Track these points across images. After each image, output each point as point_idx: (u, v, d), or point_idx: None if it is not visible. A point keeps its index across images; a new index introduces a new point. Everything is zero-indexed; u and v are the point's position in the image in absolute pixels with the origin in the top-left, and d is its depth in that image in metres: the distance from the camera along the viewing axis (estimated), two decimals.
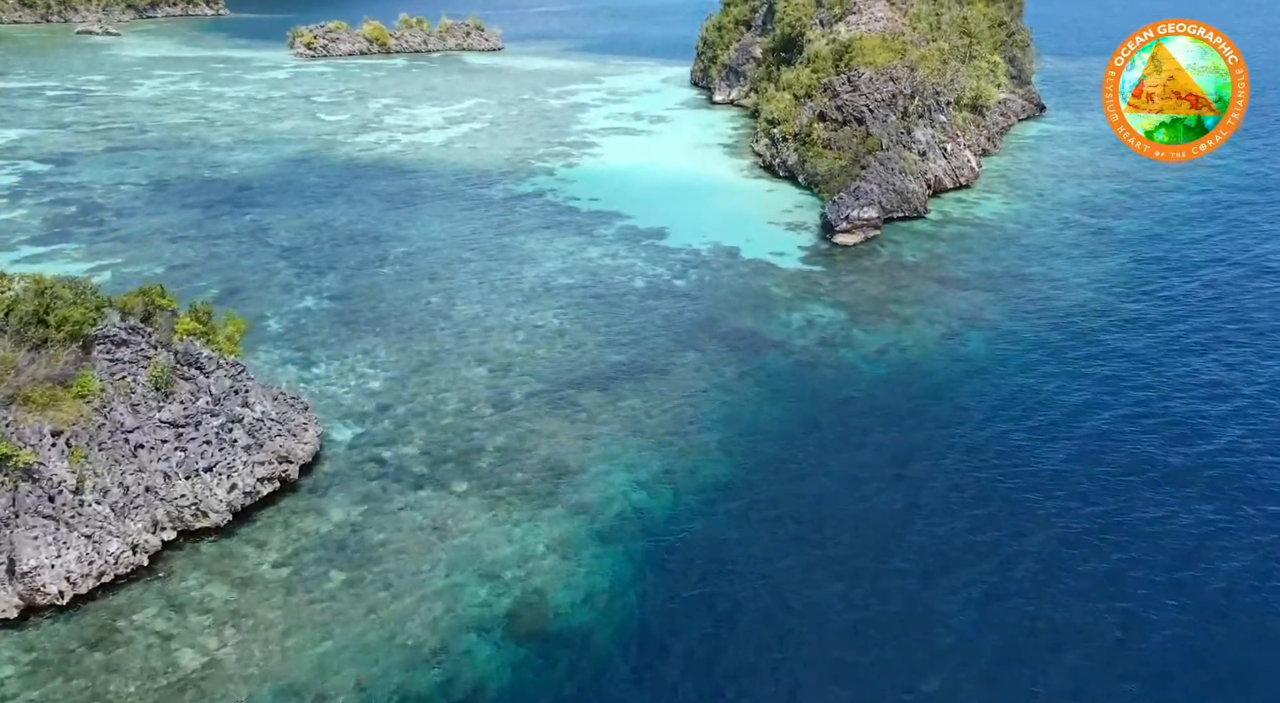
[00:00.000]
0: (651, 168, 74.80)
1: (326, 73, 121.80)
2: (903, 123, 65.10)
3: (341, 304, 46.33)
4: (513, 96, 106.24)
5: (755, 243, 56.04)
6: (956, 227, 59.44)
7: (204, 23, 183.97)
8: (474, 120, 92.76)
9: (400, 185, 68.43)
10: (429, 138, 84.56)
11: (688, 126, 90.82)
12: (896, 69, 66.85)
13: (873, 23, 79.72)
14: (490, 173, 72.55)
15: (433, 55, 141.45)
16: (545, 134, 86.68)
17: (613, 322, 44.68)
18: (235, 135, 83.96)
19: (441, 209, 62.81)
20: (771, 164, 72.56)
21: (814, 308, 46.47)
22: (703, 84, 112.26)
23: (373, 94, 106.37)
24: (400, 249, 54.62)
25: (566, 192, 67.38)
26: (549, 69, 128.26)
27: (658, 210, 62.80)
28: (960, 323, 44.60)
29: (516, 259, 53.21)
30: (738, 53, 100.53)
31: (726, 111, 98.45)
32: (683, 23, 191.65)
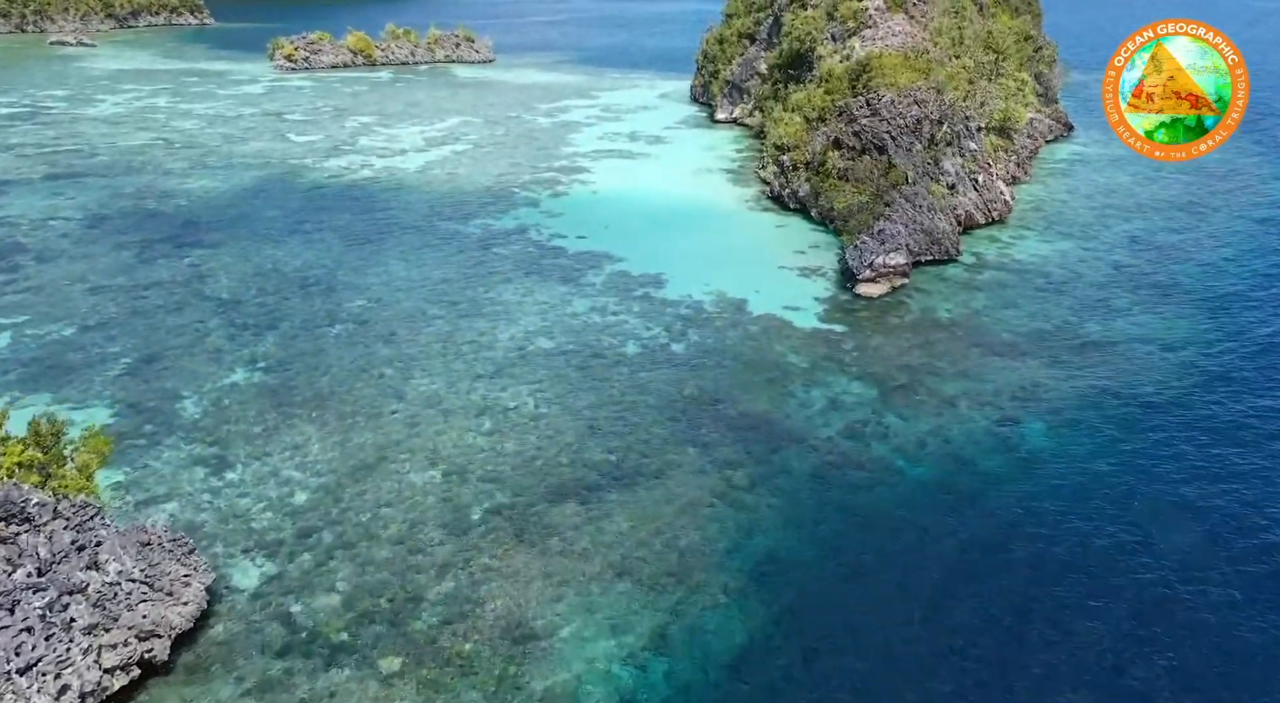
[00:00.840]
0: (647, 198, 67.27)
1: (305, 87, 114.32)
2: (929, 152, 57.54)
3: (277, 377, 38.68)
4: (500, 114, 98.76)
5: (766, 293, 48.47)
6: (993, 272, 51.83)
7: (187, 32, 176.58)
8: (456, 141, 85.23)
9: (367, 220, 60.85)
10: (405, 162, 77.01)
11: (687, 149, 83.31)
12: (921, 91, 59.36)
13: (890, 38, 72.31)
14: (469, 204, 64.98)
15: (420, 68, 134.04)
16: (532, 157, 79.16)
17: (599, 401, 37.07)
18: (193, 159, 76.37)
19: (410, 249, 55.22)
20: (780, 194, 65.05)
21: (837, 382, 38.85)
22: (703, 100, 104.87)
23: (351, 111, 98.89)
24: (357, 302, 47.02)
25: (552, 227, 59.80)
26: (541, 83, 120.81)
27: (654, 251, 55.23)
28: (1014, 403, 36.96)
29: (490, 315, 45.60)
30: (741, 68, 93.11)
31: (729, 131, 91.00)
32: (682, 33, 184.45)
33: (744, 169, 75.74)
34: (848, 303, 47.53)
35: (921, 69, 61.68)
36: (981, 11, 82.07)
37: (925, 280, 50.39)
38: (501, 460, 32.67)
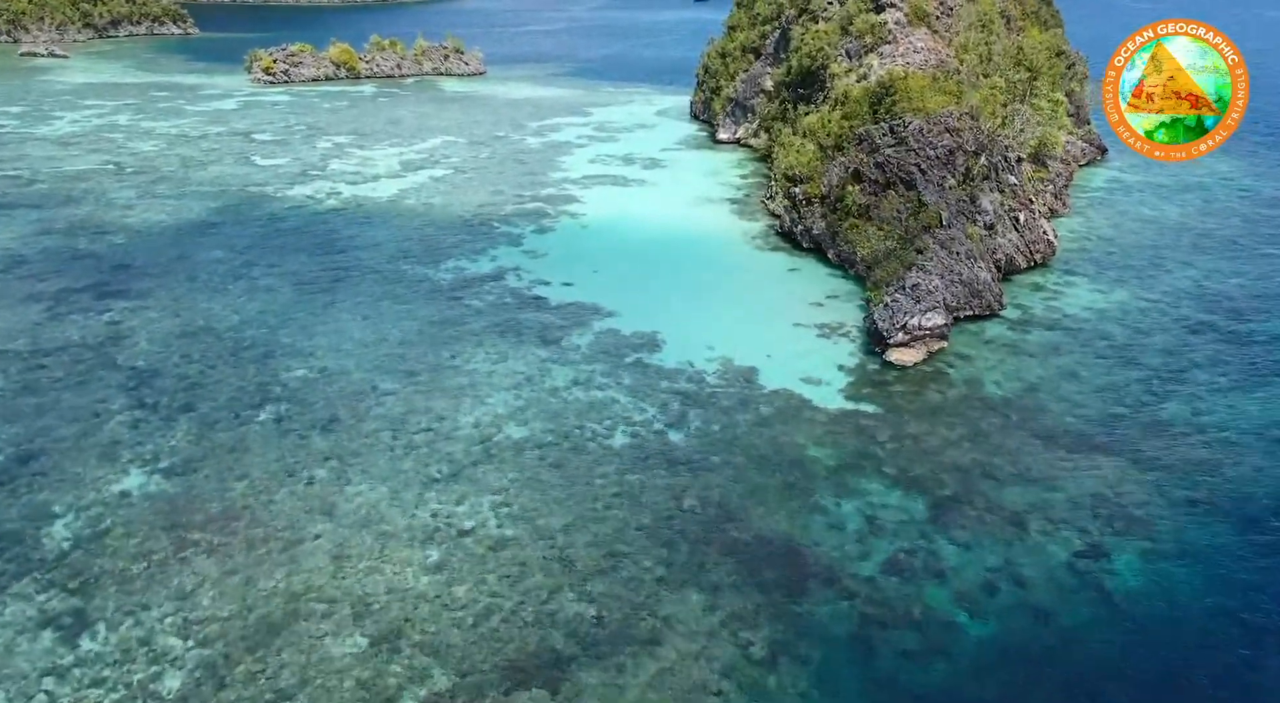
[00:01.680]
0: (643, 233, 59.72)
1: (281, 102, 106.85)
2: (964, 188, 49.99)
3: (180, 484, 31.05)
4: (487, 133, 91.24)
5: (780, 359, 40.91)
6: (1044, 331, 44.23)
7: (168, 43, 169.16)
8: (436, 165, 77.67)
9: (325, 262, 53.25)
10: (377, 191, 69.46)
11: (687, 174, 75.77)
12: (953, 116, 51.84)
13: (911, 54, 64.79)
14: (442, 242, 57.41)
15: (406, 81, 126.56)
16: (517, 184, 71.63)
17: (578, 518, 29.45)
18: (142, 187, 68.80)
19: (369, 300, 47.64)
20: (791, 230, 57.50)
21: (872, 489, 31.23)
22: (704, 118, 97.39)
23: (326, 130, 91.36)
24: (297, 371, 39.41)
25: (534, 272, 52.20)
26: (532, 98, 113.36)
27: (649, 302, 47.65)
28: (1096, 522, 29.35)
29: (453, 390, 37.99)
30: (745, 85, 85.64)
31: (732, 153, 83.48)
32: (681, 43, 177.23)
33: (750, 199, 68.20)
34: (877, 373, 39.91)
35: (952, 92, 54.16)
36: (1009, 25, 74.64)
37: (966, 342, 42.81)
38: (448, 618, 25.01)
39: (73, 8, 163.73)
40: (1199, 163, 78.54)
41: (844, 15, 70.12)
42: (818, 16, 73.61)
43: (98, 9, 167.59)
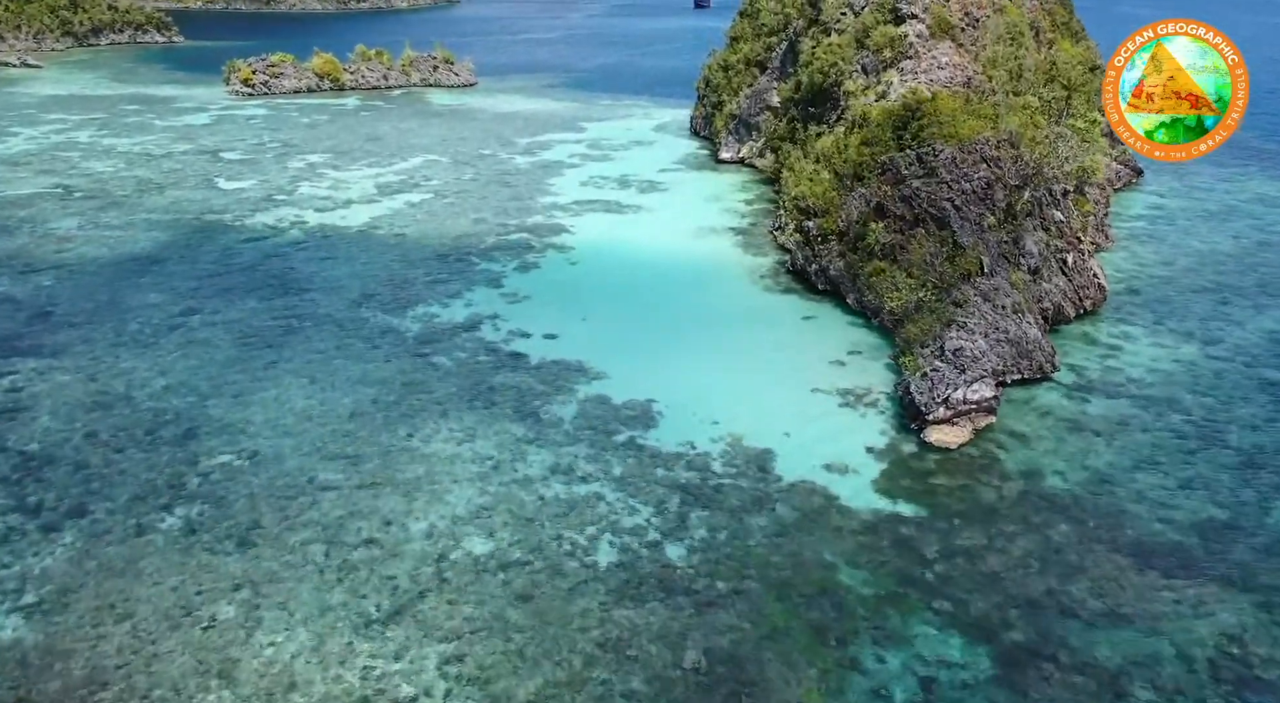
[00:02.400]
0: (638, 271, 53.02)
1: (257, 117, 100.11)
2: (1006, 227, 43.29)
3: (39, 633, 24.20)
4: (472, 151, 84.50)
5: (798, 438, 34.15)
6: (1106, 400, 37.44)
7: (151, 52, 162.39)
8: (414, 188, 70.95)
9: (276, 308, 46.51)
10: (347, 219, 62.71)
11: (687, 198, 69.06)
12: (990, 144, 45.20)
13: (935, 70, 58.15)
14: (412, 283, 50.67)
15: (393, 93, 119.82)
16: (502, 211, 64.91)
17: (549, 686, 22.61)
18: (88, 215, 62.06)
19: (320, 358, 40.92)
20: (804, 269, 50.79)
21: (924, 635, 24.41)
22: (705, 134, 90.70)
23: (301, 148, 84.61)
24: (220, 458, 32.64)
25: (513, 321, 45.47)
26: (523, 112, 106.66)
27: (644, 360, 40.94)
28: (1225, 690, 22.62)
29: (406, 484, 31.23)
30: (749, 101, 78.97)
31: (735, 174, 76.79)
32: (681, 52, 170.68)
33: (756, 228, 61.49)
34: (915, 458, 33.12)
35: (988, 115, 47.50)
36: (1038, 37, 68.04)
37: (1016, 414, 36.04)
38: None
39: (51, 15, 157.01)
40: (1242, 186, 72.00)
41: (859, 27, 63.48)
42: (829, 28, 66.96)
43: (78, 16, 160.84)
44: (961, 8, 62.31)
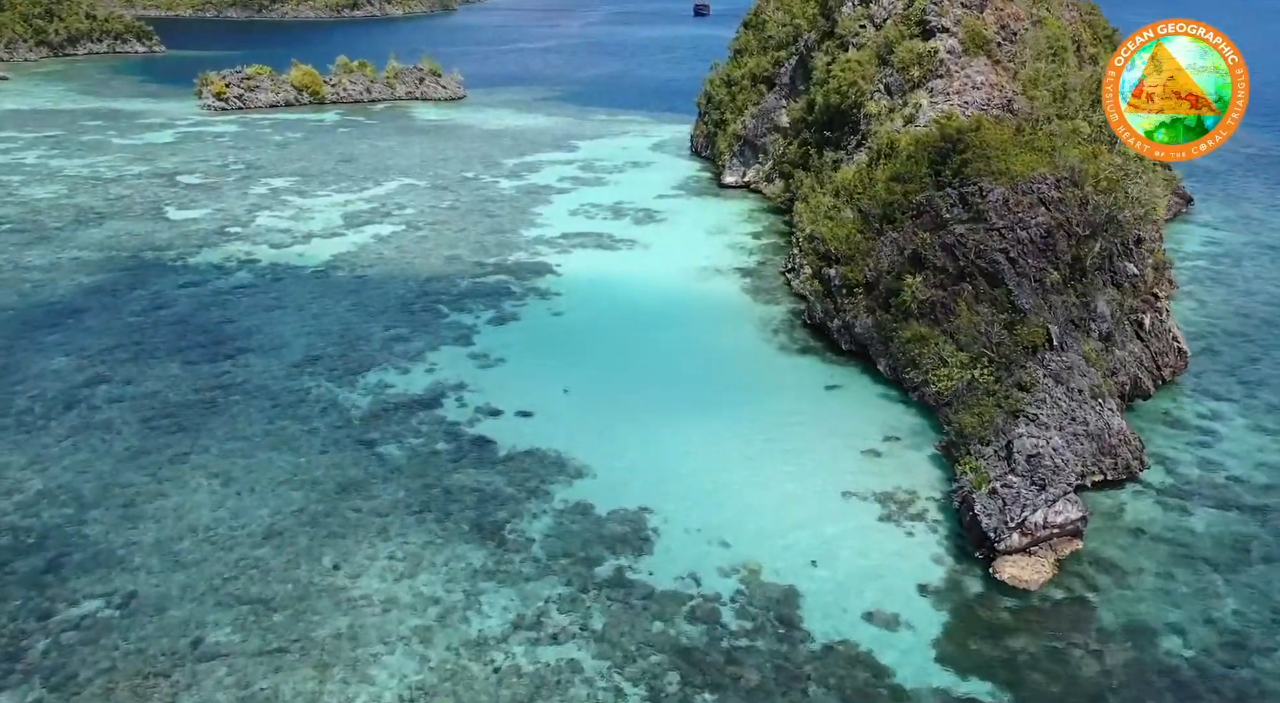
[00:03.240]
0: (630, 325, 45.45)
1: (226, 134, 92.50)
2: (1073, 286, 35.70)
3: None
4: (454, 174, 76.96)
5: (830, 572, 26.46)
6: (1211, 509, 29.77)
7: (129, 62, 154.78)
8: (385, 218, 63.38)
9: (201, 377, 38.86)
10: (305, 256, 55.12)
11: (688, 230, 61.47)
12: (1048, 183, 37.64)
13: (970, 91, 50.66)
14: (368, 339, 43.08)
15: (376, 107, 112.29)
16: (480, 247, 57.33)
17: None
18: (10, 253, 54.34)
19: (242, 447, 33.25)
20: (824, 322, 43.28)
21: None
22: (706, 155, 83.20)
23: (268, 170, 77.04)
24: (83, 606, 24.90)
25: (482, 392, 37.86)
26: (513, 128, 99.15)
27: (636, 451, 33.32)
28: None
29: (318, 652, 23.50)
30: (755, 121, 71.43)
31: (740, 201, 69.25)
32: (681, 62, 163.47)
33: (767, 268, 53.92)
34: (985, 605, 25.44)
35: (1044, 147, 39.95)
36: (1079, 52, 60.56)
37: (1105, 532, 28.37)
38: None
39: (24, 24, 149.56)
40: None
41: (881, 42, 55.95)
42: (847, 42, 59.44)
43: (53, 25, 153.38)
44: (997, 20, 54.82)
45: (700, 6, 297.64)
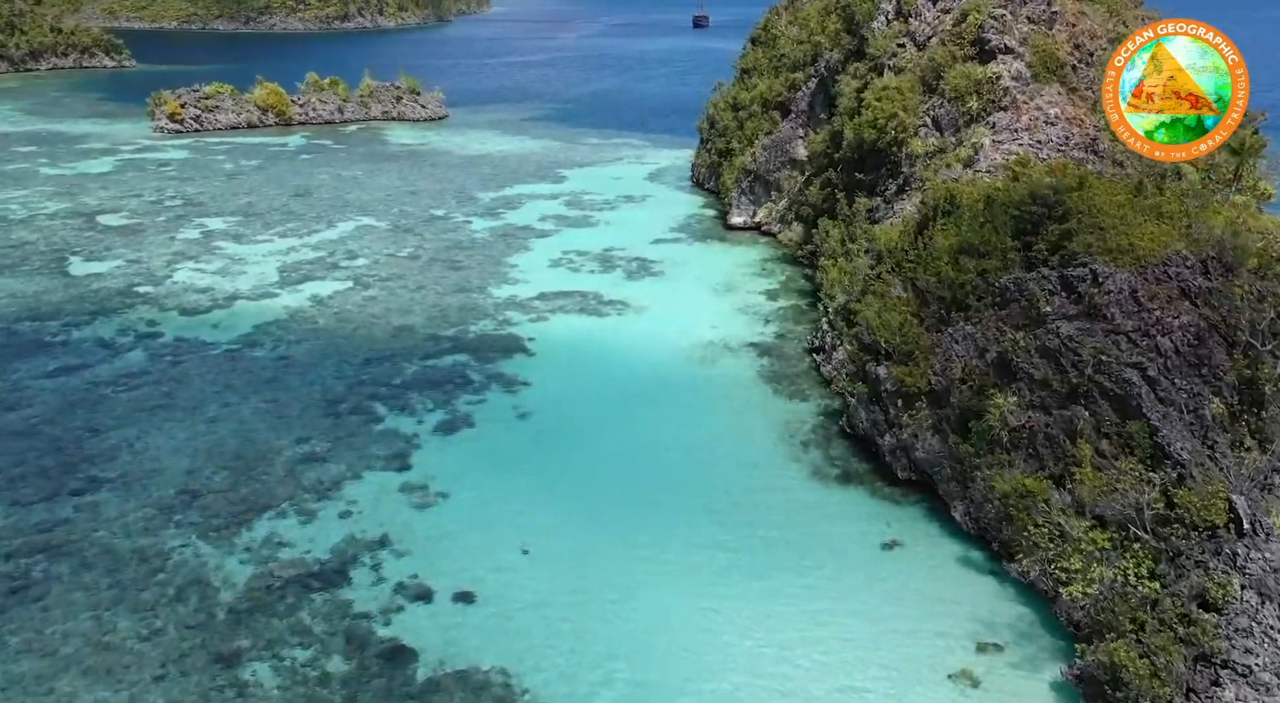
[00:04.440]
0: (616, 432, 34.53)
1: (172, 162, 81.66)
2: (1249, 424, 24.89)
3: None
4: (422, 211, 66.18)
5: None
6: None
7: (94, 78, 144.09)
8: (331, 272, 52.54)
9: (25, 525, 27.86)
10: (222, 326, 44.23)
11: (690, 288, 50.59)
12: (1189, 266, 26.86)
13: (1043, 127, 39.99)
14: (268, 460, 32.12)
15: (347, 128, 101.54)
16: (438, 314, 46.48)
17: None
18: None
19: (41, 661, 22.37)
20: (869, 434, 32.45)
21: None
22: (710, 187, 72.44)
23: (207, 206, 66.23)
24: None
25: (407, 558, 26.94)
26: (494, 154, 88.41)
27: (621, 671, 22.52)
28: None
29: None
30: (767, 152, 60.60)
31: (751, 247, 58.45)
32: (680, 77, 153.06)
33: (787, 341, 43.10)
34: None
35: (1174, 211, 29.16)
36: None
37: None
38: None
39: None
40: None
41: (926, 65, 45.14)
42: (882, 65, 48.65)
43: (14, 39, 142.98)
44: (1070, 38, 44.13)
45: (699, 18, 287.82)
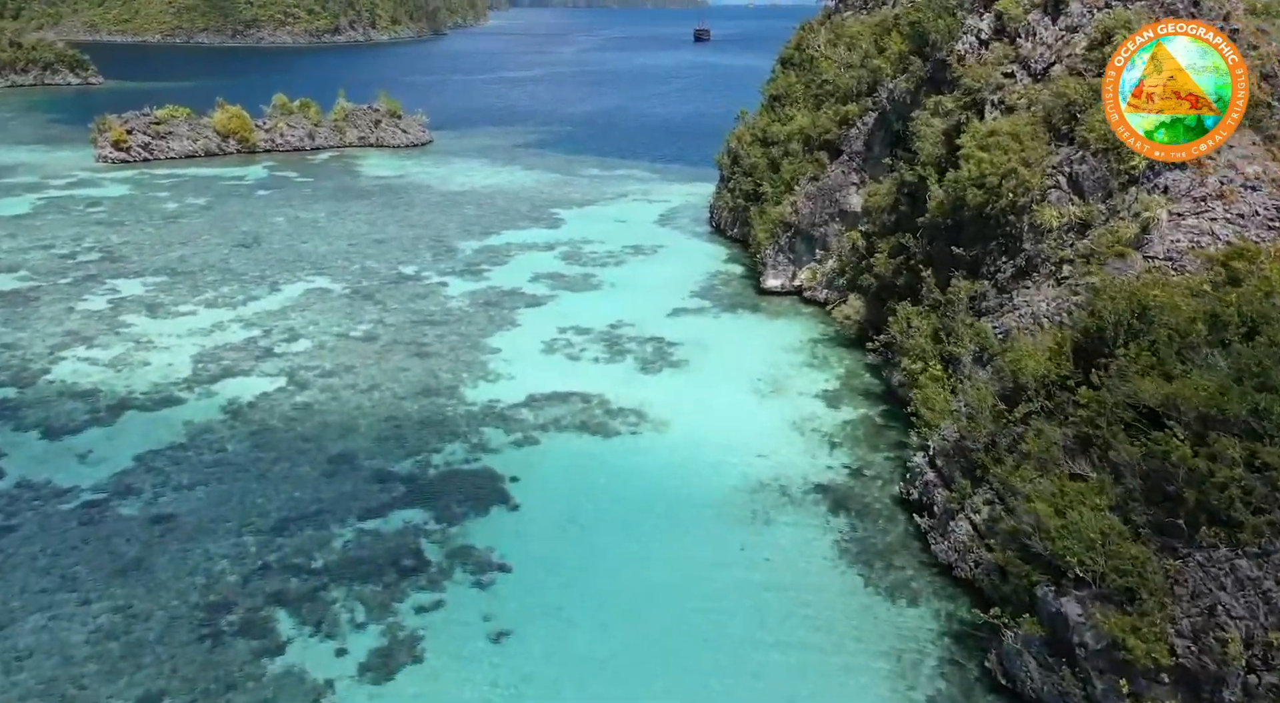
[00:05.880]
0: (640, 655, 22.16)
1: (105, 201, 69.21)
2: None
3: None
4: (388, 268, 53.77)
5: None
6: None
7: (54, 97, 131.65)
8: (260, 360, 40.02)
9: None
10: (89, 459, 31.57)
11: (725, 387, 37.97)
12: None
13: (1242, 193, 27.71)
14: None
15: (318, 157, 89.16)
16: (392, 430, 33.93)
17: None
18: None
19: None
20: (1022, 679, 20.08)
21: None
22: (733, 234, 60.25)
23: (129, 262, 53.77)
24: None
25: None
26: (480, 189, 76.12)
27: None
28: None
29: None
30: (813, 201, 48.20)
31: (793, 320, 46.09)
32: (685, 94, 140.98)
33: (867, 478, 30.59)
34: None
35: None
36: None
37: None
38: None
39: None
40: None
41: (1055, 103, 32.63)
42: (983, 101, 36.18)
43: None
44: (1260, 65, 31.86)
45: (700, 31, 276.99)
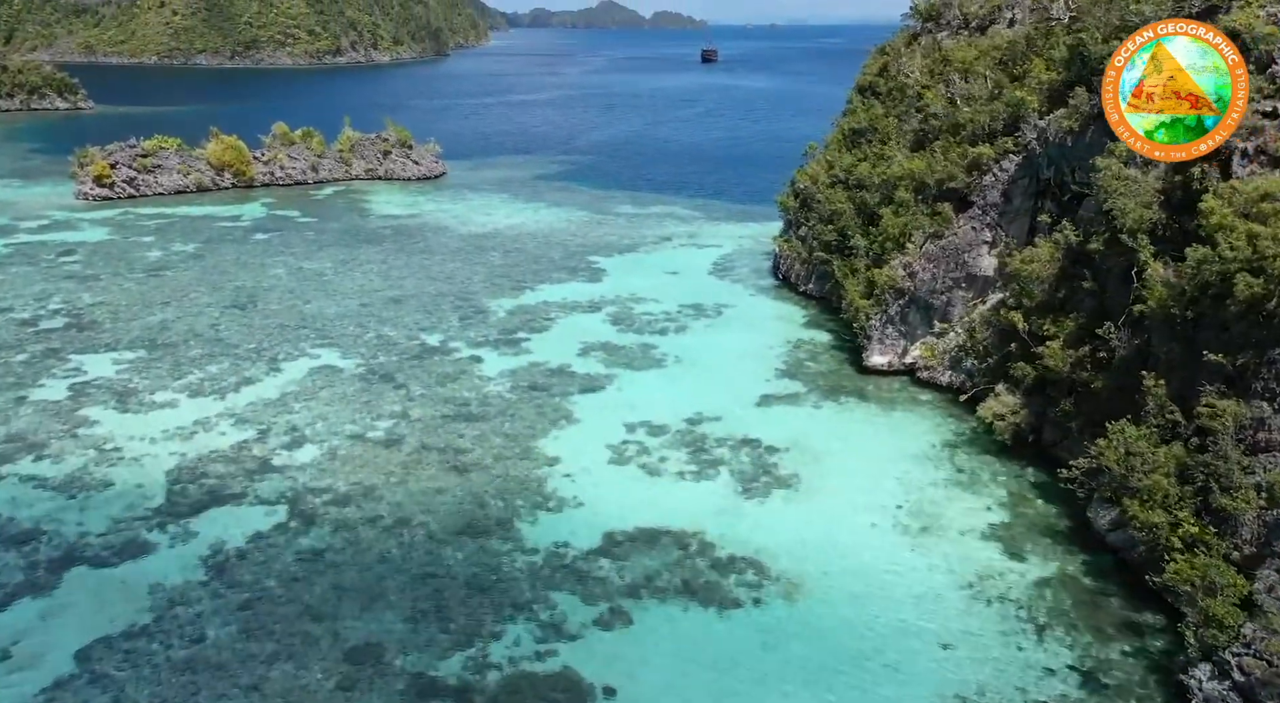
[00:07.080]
0: None
1: (81, 247, 59.87)
2: None
3: None
4: (408, 337, 44.44)
5: None
6: None
7: (40, 123, 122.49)
8: (256, 482, 30.54)
9: None
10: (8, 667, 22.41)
11: (858, 526, 28.53)
12: None
13: None
14: None
15: (322, 191, 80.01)
16: (433, 597, 24.46)
17: None
18: None
19: None
20: None
21: None
22: (806, 289, 51.14)
23: (98, 329, 44.44)
24: None
25: None
26: (506, 229, 67.00)
27: None
28: None
29: None
30: (934, 264, 38.99)
31: (911, 410, 36.74)
32: (706, 119, 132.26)
33: (1108, 692, 21.35)
34: None
35: None
36: None
37: None
38: None
39: None
40: None
41: None
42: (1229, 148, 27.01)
43: None
44: None
45: (708, 52, 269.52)
